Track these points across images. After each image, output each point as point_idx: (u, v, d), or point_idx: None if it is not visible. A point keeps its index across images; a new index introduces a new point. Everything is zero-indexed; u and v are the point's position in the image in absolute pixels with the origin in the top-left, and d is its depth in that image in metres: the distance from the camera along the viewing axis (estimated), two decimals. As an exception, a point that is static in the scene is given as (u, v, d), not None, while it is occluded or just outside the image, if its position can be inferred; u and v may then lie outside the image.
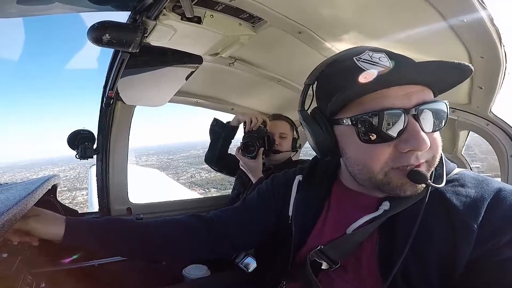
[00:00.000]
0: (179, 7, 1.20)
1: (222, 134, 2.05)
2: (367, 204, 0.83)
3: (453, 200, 0.72)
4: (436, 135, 0.72)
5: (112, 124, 1.93)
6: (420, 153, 0.69)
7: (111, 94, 1.56)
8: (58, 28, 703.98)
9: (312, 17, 1.32)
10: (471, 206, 0.70)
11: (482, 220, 0.67)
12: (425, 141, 0.66)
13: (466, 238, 0.67)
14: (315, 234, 0.91)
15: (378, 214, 0.78)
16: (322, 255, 0.84)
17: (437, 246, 0.70)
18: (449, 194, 0.74)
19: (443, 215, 0.72)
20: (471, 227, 0.67)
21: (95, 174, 2.07)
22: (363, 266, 0.80)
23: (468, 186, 0.75)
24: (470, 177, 0.78)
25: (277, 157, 1.99)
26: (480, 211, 0.68)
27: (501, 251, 0.65)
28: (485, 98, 1.51)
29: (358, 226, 0.80)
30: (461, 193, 0.73)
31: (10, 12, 1.08)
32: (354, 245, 0.80)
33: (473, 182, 0.75)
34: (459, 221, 0.69)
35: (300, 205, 0.97)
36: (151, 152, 79.06)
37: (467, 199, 0.72)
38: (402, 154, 0.69)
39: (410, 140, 0.67)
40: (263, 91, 2.29)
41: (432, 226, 0.72)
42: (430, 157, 0.72)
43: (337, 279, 0.84)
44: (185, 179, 45.04)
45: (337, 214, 0.90)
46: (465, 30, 1.12)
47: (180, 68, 1.53)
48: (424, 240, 0.71)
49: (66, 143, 1.83)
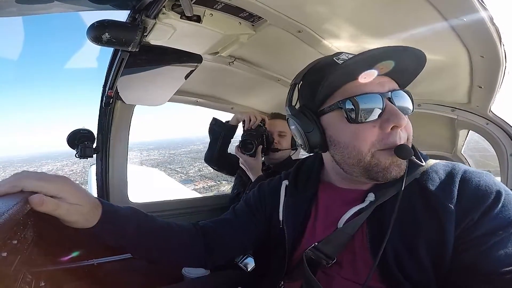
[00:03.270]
0: (178, 6, 1.20)
1: (222, 134, 2.05)
2: (353, 197, 0.89)
3: (430, 187, 0.78)
4: (407, 118, 0.79)
5: (112, 123, 1.93)
6: (402, 133, 0.78)
7: (110, 93, 1.56)
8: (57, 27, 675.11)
9: (312, 16, 1.32)
10: (446, 189, 0.76)
11: (456, 201, 0.74)
12: (403, 117, 0.76)
13: (449, 220, 0.72)
14: (308, 234, 0.94)
15: (365, 205, 0.84)
16: (317, 251, 0.86)
17: (424, 231, 0.75)
18: (426, 181, 0.80)
19: (424, 201, 0.78)
20: (449, 208, 0.73)
21: (95, 173, 2.07)
22: (357, 259, 0.82)
23: (440, 173, 0.81)
24: (441, 165, 0.84)
25: (276, 156, 1.99)
26: (453, 193, 0.75)
27: (476, 228, 0.70)
28: (485, 97, 1.51)
29: (348, 219, 0.85)
30: (435, 179, 0.79)
31: (10, 11, 1.08)
32: (346, 238, 0.83)
33: (444, 169, 0.82)
34: (439, 204, 0.74)
35: (290, 209, 1.00)
36: (150, 147, 79.04)
37: (441, 184, 0.78)
38: (386, 134, 0.77)
39: (391, 118, 0.76)
40: (262, 90, 2.29)
41: (416, 213, 0.77)
42: (406, 138, 0.80)
43: (335, 276, 0.85)
44: (194, 172, 45.28)
45: (326, 212, 0.94)
46: (465, 29, 1.12)
47: (179, 67, 1.53)
48: (410, 227, 0.76)
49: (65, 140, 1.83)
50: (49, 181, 0.70)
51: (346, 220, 0.85)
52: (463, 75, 1.41)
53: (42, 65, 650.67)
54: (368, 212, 0.82)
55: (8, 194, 0.65)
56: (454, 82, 1.52)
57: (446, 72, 1.43)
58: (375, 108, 0.77)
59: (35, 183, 0.68)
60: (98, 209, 0.80)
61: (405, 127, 0.79)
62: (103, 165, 2.00)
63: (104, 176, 2.01)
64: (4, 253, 0.59)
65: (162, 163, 56.63)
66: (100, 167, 2.01)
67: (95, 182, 2.07)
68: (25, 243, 0.77)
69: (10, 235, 0.65)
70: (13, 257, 0.66)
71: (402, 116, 0.76)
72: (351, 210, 0.85)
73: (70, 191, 0.73)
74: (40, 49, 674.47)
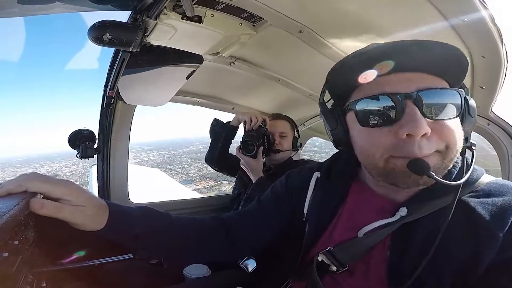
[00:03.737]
0: (179, 7, 1.20)
1: (222, 134, 2.05)
2: (384, 207, 0.81)
3: (478, 209, 0.69)
4: (448, 123, 0.68)
5: (113, 124, 1.93)
6: (423, 142, 0.66)
7: (111, 94, 1.56)
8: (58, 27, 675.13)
9: (313, 16, 1.31)
10: (498, 215, 0.67)
11: (508, 228, 0.65)
12: (421, 125, 0.65)
13: (490, 247, 0.65)
14: (328, 233, 0.89)
15: (394, 220, 0.76)
16: (330, 256, 0.82)
17: (457, 259, 0.67)
18: (473, 203, 0.70)
19: (466, 226, 0.69)
20: (496, 236, 0.65)
21: (95, 174, 2.07)
22: (372, 272, 0.78)
23: (494, 195, 0.71)
24: (498, 185, 0.74)
25: (277, 157, 1.99)
26: (507, 220, 0.66)
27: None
28: (486, 97, 1.51)
29: (371, 230, 0.78)
30: (486, 202, 0.70)
31: (12, 11, 1.08)
32: (364, 249, 0.78)
33: (501, 190, 0.72)
34: (483, 230, 0.66)
35: (317, 202, 0.95)
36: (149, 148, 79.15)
37: (493, 208, 0.68)
38: (402, 142, 0.67)
39: (406, 124, 0.66)
40: (263, 90, 2.29)
41: (453, 240, 0.68)
42: (442, 147, 0.68)
43: (343, 284, 0.82)
44: (194, 173, 45.47)
45: (352, 214, 0.88)
46: (466, 29, 1.12)
47: (180, 67, 1.53)
48: (443, 254, 0.68)
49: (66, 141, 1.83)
50: (53, 184, 0.71)
51: (369, 231, 0.79)
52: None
53: (43, 66, 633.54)
54: (395, 227, 0.75)
55: (12, 193, 0.67)
56: (455, 83, 1.52)
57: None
58: (392, 110, 0.68)
59: (39, 184, 0.70)
60: (105, 211, 0.80)
61: (439, 134, 0.67)
62: (104, 166, 2.00)
63: (105, 176, 2.01)
64: (6, 253, 0.59)
65: (162, 163, 56.82)
66: (101, 167, 2.01)
67: (96, 183, 2.07)
68: (26, 244, 0.77)
69: (11, 235, 0.65)
70: (14, 258, 0.66)
71: (420, 124, 0.65)
72: (377, 223, 0.78)
73: (73, 194, 0.73)
74: (40, 49, 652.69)
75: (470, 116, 0.73)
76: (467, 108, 0.72)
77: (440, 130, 0.67)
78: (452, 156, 0.70)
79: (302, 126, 2.72)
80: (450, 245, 0.68)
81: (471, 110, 0.73)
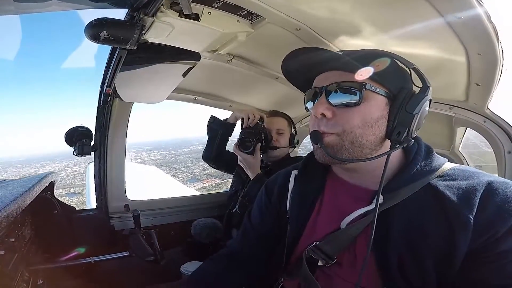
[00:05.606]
0: (176, 4, 1.19)
1: (220, 132, 2.05)
2: (360, 196, 0.86)
3: (446, 193, 0.74)
4: (348, 111, 0.79)
5: (110, 121, 1.93)
6: (323, 122, 0.82)
7: (108, 91, 1.56)
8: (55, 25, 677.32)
9: (310, 14, 1.31)
10: (464, 197, 0.72)
11: (476, 211, 0.69)
12: (319, 107, 0.81)
13: (462, 230, 0.69)
14: (309, 227, 0.93)
15: (372, 207, 0.80)
16: (318, 251, 0.85)
17: (433, 240, 0.72)
18: (442, 187, 0.76)
19: (437, 208, 0.74)
20: (466, 218, 0.69)
21: (92, 171, 2.07)
22: (358, 261, 0.81)
23: (459, 179, 0.77)
24: (460, 170, 0.80)
25: (274, 154, 2.00)
26: (473, 202, 0.70)
27: (498, 243, 0.67)
28: (482, 94, 1.51)
29: (352, 220, 0.83)
30: (453, 186, 0.75)
31: (8, 9, 1.08)
32: (349, 239, 0.82)
33: (464, 175, 0.78)
34: (453, 212, 0.71)
35: (296, 197, 0.99)
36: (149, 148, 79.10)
37: (459, 191, 0.73)
38: (313, 120, 0.86)
39: (314, 107, 0.83)
40: (261, 88, 2.29)
41: (426, 220, 0.74)
42: (339, 130, 0.79)
43: (334, 276, 0.85)
44: (199, 171, 45.52)
45: (331, 206, 0.92)
46: (462, 27, 1.12)
47: (178, 65, 1.53)
48: (419, 235, 0.73)
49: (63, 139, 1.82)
50: None
51: (351, 221, 0.83)
52: (460, 73, 1.41)
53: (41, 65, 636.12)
54: (374, 214, 0.77)
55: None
56: (451, 80, 1.52)
57: (443, 70, 1.43)
58: (311, 99, 0.88)
59: None
60: None
61: (337, 118, 0.80)
62: (101, 163, 2.00)
63: (102, 173, 2.01)
64: (2, 251, 0.59)
65: (166, 163, 56.93)
66: (98, 164, 2.01)
67: (93, 180, 2.07)
68: (23, 241, 0.77)
69: (7, 233, 0.65)
70: (10, 255, 0.66)
71: (319, 106, 0.81)
72: (357, 212, 0.83)
73: None
74: (37, 48, 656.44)
75: (406, 112, 0.79)
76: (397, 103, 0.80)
77: (339, 116, 0.80)
78: (351, 138, 0.79)
79: (300, 123, 2.72)
80: (426, 229, 0.74)
81: (404, 105, 0.80)
